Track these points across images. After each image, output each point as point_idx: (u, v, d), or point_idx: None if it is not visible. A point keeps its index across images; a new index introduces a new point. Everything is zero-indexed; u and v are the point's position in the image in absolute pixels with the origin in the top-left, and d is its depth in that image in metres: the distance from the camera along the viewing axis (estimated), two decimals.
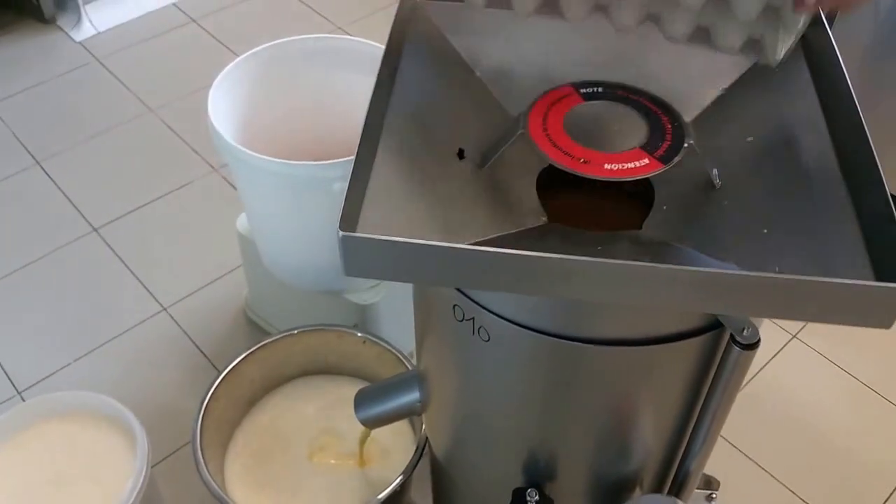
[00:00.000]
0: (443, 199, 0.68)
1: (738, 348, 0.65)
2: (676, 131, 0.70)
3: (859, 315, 0.58)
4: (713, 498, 1.11)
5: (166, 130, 1.94)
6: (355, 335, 1.25)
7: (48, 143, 1.90)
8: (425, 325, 0.82)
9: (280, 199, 1.21)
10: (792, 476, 1.39)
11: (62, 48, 2.16)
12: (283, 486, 1.17)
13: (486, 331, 0.69)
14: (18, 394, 1.45)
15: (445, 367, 0.82)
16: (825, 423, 1.46)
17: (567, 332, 0.67)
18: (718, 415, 0.73)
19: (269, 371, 1.27)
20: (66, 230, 1.72)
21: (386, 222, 0.62)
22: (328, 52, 1.31)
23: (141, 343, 1.54)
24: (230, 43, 2.18)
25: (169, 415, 1.41)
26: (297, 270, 1.33)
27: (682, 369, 0.70)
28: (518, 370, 0.73)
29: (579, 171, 0.67)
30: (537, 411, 0.77)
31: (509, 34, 0.83)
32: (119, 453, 1.16)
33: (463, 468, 0.94)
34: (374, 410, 1.02)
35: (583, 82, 0.75)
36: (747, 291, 0.58)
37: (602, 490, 0.83)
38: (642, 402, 0.73)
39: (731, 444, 1.42)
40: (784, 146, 0.74)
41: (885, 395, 1.50)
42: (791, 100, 0.77)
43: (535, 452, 0.80)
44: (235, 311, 1.58)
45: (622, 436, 0.77)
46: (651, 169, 0.67)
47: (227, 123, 1.22)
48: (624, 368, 0.70)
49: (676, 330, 0.66)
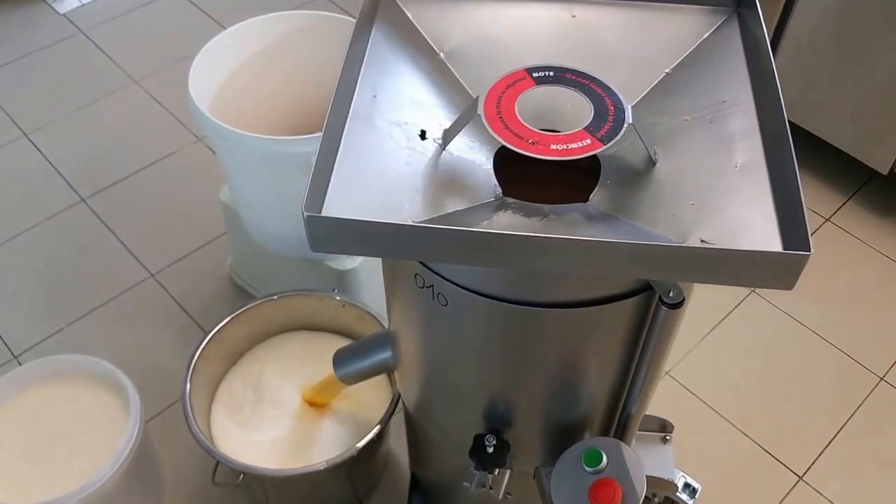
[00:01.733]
0: (405, 178, 0.74)
1: (666, 308, 0.73)
2: (618, 113, 0.77)
3: (768, 278, 0.65)
4: (667, 440, 1.19)
5: (151, 101, 1.99)
6: (335, 299, 1.32)
7: (35, 115, 1.96)
8: (392, 290, 0.89)
9: (260, 171, 1.27)
10: (742, 417, 1.49)
11: (46, 20, 2.20)
12: (267, 434, 1.25)
13: (444, 297, 0.77)
14: (15, 358, 1.53)
15: (411, 329, 0.90)
16: (777, 370, 1.56)
17: (516, 297, 0.74)
18: (652, 366, 0.81)
19: (253, 330, 1.34)
20: (55, 201, 1.78)
21: (351, 202, 0.69)
22: (307, 27, 1.36)
23: (130, 308, 1.61)
24: (211, 11, 2.22)
25: (159, 374, 1.49)
26: (278, 239, 1.40)
27: (619, 327, 0.78)
28: (473, 331, 0.81)
29: (529, 151, 0.74)
30: (493, 367, 0.85)
31: (471, 18, 0.89)
32: (114, 411, 1.24)
33: (431, 417, 1.02)
34: (351, 368, 1.11)
35: (535, 67, 0.82)
36: (673, 261, 0.66)
37: (554, 434, 0.91)
38: (586, 356, 0.81)
39: (686, 388, 1.51)
40: (717, 126, 0.80)
41: (829, 339, 1.60)
42: (726, 81, 0.83)
43: (493, 403, 0.88)
44: (221, 275, 1.66)
45: (570, 387, 0.85)
46: (592, 149, 0.74)
47: (208, 98, 1.28)
48: (569, 328, 0.77)
49: (613, 292, 0.74)
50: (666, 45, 0.87)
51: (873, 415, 1.50)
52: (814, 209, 1.80)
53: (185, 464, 1.39)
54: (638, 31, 0.88)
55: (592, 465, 0.81)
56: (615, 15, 0.89)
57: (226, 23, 2.01)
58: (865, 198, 1.83)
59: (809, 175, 1.86)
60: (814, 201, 1.82)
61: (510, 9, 0.90)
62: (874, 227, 1.78)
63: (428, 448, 1.14)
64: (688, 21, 0.89)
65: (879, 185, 1.83)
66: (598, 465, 0.81)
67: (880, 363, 1.56)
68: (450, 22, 0.89)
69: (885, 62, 1.60)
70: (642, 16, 0.89)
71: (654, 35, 0.88)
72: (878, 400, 1.51)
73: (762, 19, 0.85)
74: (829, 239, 1.76)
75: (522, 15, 0.89)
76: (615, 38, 0.88)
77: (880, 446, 1.46)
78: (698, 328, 1.61)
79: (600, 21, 0.89)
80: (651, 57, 0.86)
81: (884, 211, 1.80)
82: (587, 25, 0.89)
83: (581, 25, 0.89)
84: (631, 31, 0.88)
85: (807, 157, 1.85)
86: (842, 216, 1.79)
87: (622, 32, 0.88)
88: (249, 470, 1.14)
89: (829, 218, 1.79)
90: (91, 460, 1.18)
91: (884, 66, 1.61)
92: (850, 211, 1.80)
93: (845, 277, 1.70)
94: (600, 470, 0.81)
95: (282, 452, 1.23)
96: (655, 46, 0.87)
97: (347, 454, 1.14)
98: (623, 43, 0.87)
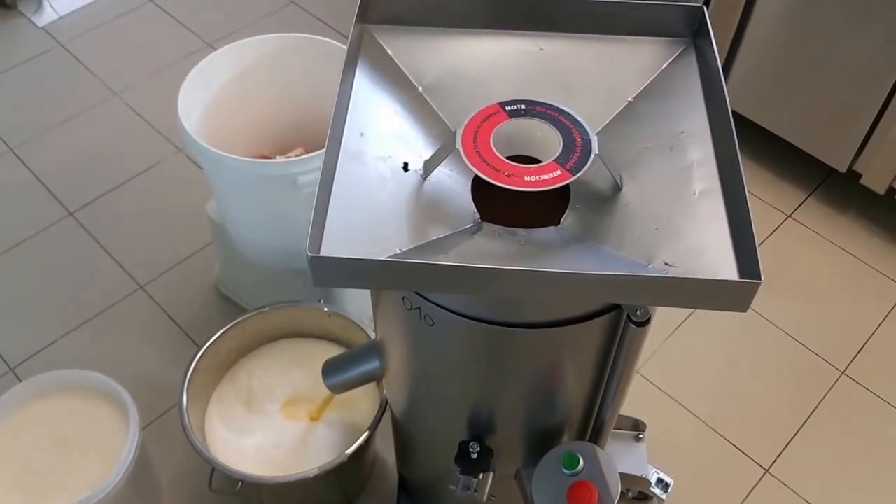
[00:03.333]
0: (393, 210, 0.80)
1: (634, 325, 0.80)
2: (585, 145, 0.83)
3: (724, 303, 0.72)
4: (640, 438, 1.26)
5: (131, 113, 2.03)
6: (322, 310, 1.38)
7: (19, 129, 1.99)
8: (381, 309, 0.95)
9: (247, 190, 1.33)
10: (711, 413, 1.57)
11: (25, 34, 2.23)
12: (259, 441, 1.31)
13: (431, 318, 0.83)
14: (11, 370, 1.57)
15: (399, 344, 0.96)
16: (742, 365, 1.64)
17: (498, 319, 0.81)
18: (623, 376, 0.88)
19: (244, 340, 1.40)
20: (43, 215, 1.82)
21: (345, 237, 0.75)
22: (291, 49, 1.42)
23: (121, 319, 1.66)
24: (186, 21, 2.26)
25: (151, 383, 1.54)
26: (265, 252, 1.46)
27: (591, 344, 0.85)
28: (458, 349, 0.88)
29: (504, 183, 0.80)
30: (476, 380, 0.92)
31: (446, 53, 0.95)
32: (112, 422, 1.29)
33: (417, 424, 1.09)
34: (340, 378, 1.17)
35: (507, 101, 0.88)
36: (638, 288, 0.72)
37: (534, 439, 0.98)
38: (562, 370, 0.88)
39: (657, 387, 1.59)
40: (676, 154, 0.86)
41: (791, 333, 1.68)
42: (685, 110, 0.89)
43: (476, 412, 0.95)
44: (208, 285, 1.71)
45: (548, 397, 0.92)
46: (562, 179, 0.80)
47: (196, 121, 1.33)
48: (545, 345, 0.84)
49: (584, 313, 0.81)
50: (628, 75, 0.92)
51: (835, 408, 1.57)
52: (776, 206, 1.88)
53: (180, 471, 1.45)
54: (601, 61, 0.94)
55: (570, 468, 0.88)
56: (579, 46, 0.96)
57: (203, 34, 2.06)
58: (825, 194, 1.91)
59: (772, 173, 1.94)
60: (776, 198, 1.89)
61: (482, 43, 0.96)
62: (833, 222, 1.86)
63: (414, 451, 1.21)
64: (648, 51, 0.95)
65: (837, 182, 1.91)
66: (575, 469, 0.88)
67: (841, 357, 1.64)
68: (427, 57, 0.94)
69: (841, 64, 1.68)
70: (604, 47, 0.95)
71: (617, 65, 0.94)
72: (839, 393, 1.59)
73: (717, 51, 0.90)
74: (791, 235, 1.84)
75: (494, 49, 0.95)
76: (580, 69, 0.94)
77: (843, 438, 1.54)
78: (664, 327, 1.68)
79: (565, 52, 0.95)
80: (614, 86, 0.92)
81: (841, 207, 1.89)
82: (553, 57, 0.95)
83: (548, 57, 0.95)
84: (594, 61, 0.94)
85: (769, 156, 1.93)
86: (802, 212, 1.88)
87: (586, 63, 0.94)
88: (247, 478, 1.20)
89: (790, 214, 1.87)
90: (93, 471, 1.23)
91: (840, 68, 1.68)
92: (810, 207, 1.89)
93: (806, 272, 1.78)
94: (577, 472, 0.88)
95: (274, 458, 1.29)
96: (618, 76, 0.93)
97: (339, 460, 1.20)
98: (587, 73, 0.93)
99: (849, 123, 1.74)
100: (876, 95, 1.67)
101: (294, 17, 2.29)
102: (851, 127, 1.74)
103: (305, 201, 1.19)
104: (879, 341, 1.67)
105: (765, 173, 1.93)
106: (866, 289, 1.76)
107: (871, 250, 1.81)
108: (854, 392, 1.60)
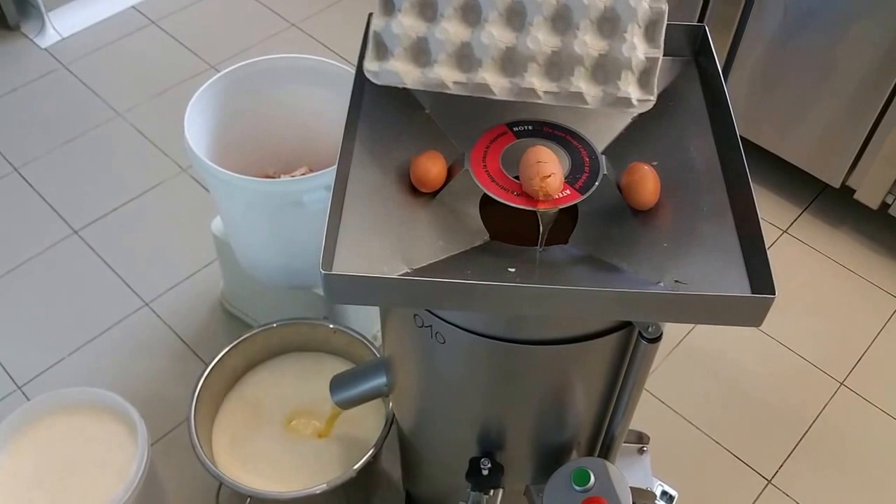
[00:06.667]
0: (403, 229, 0.81)
1: (645, 342, 0.81)
2: (593, 164, 0.84)
3: (739, 318, 0.73)
4: (644, 451, 1.27)
5: (135, 133, 2.05)
6: (327, 326, 1.40)
7: (24, 149, 2.00)
8: (390, 326, 0.97)
9: (254, 210, 1.34)
10: (713, 426, 1.58)
11: (29, 55, 2.24)
12: (265, 456, 1.32)
13: (442, 335, 0.84)
14: (19, 388, 1.58)
15: (408, 361, 0.98)
16: (743, 378, 1.66)
17: (510, 336, 0.82)
18: (633, 392, 0.89)
19: (250, 356, 1.41)
20: (48, 233, 1.83)
21: (357, 256, 0.76)
22: (296, 70, 1.44)
23: (127, 336, 1.67)
24: (188, 42, 2.28)
25: (158, 400, 1.55)
26: (270, 270, 1.47)
27: (602, 360, 0.86)
28: (469, 365, 0.89)
29: (515, 203, 0.80)
30: (487, 397, 0.93)
31: None
32: (120, 439, 1.29)
33: (425, 441, 1.10)
34: (347, 394, 1.17)
35: (515, 121, 0.89)
36: (652, 305, 0.73)
37: (544, 455, 0.99)
38: (573, 387, 0.90)
39: (660, 401, 1.60)
40: (683, 170, 0.86)
41: (790, 346, 1.70)
42: (689, 127, 0.90)
43: (486, 429, 0.96)
44: (212, 302, 1.72)
45: (558, 414, 0.93)
46: (572, 199, 0.81)
47: (201, 140, 1.35)
48: (557, 362, 0.86)
49: (596, 329, 0.82)
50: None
51: (835, 418, 1.59)
52: (772, 222, 1.90)
53: (188, 487, 1.46)
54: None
55: (581, 485, 0.89)
56: None
57: (205, 56, 2.08)
58: (819, 210, 1.94)
59: (767, 189, 1.96)
60: (771, 214, 1.92)
61: None
62: (828, 237, 1.88)
63: (422, 467, 1.22)
64: None
65: (831, 198, 1.94)
66: (586, 485, 0.89)
67: (839, 368, 1.66)
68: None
69: (833, 81, 1.70)
70: None
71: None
72: (839, 404, 1.61)
73: (720, 69, 0.91)
74: (788, 249, 1.86)
75: None
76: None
77: (843, 449, 1.56)
78: (667, 341, 1.69)
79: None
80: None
81: (836, 222, 1.91)
82: None
83: None
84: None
85: (765, 173, 1.96)
86: (798, 227, 1.90)
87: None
88: (254, 494, 1.22)
89: (786, 230, 1.89)
90: (101, 489, 1.24)
91: (832, 85, 1.71)
92: (805, 223, 1.91)
93: (803, 286, 1.80)
94: (589, 489, 0.89)
95: (281, 473, 1.30)
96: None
97: (346, 475, 1.21)
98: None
99: (842, 140, 1.76)
100: (868, 112, 1.69)
101: (295, 39, 2.32)
102: (844, 143, 1.76)
103: (310, 220, 1.22)
104: (877, 352, 1.69)
105: (759, 190, 1.96)
106: (863, 301, 1.78)
107: (866, 264, 1.84)
108: (853, 402, 1.62)
